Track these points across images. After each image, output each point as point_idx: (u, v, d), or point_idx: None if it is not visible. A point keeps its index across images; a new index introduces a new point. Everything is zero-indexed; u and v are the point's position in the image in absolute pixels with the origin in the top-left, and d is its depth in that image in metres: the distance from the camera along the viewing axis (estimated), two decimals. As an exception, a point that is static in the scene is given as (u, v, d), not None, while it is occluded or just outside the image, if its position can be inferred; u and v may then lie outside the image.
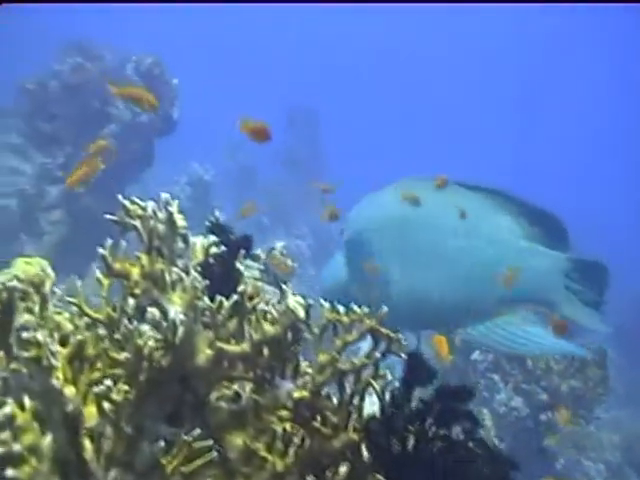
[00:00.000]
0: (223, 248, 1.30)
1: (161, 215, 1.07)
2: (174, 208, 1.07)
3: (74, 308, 1.09)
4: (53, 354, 0.84)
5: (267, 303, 1.22)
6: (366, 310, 1.11)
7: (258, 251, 3.27)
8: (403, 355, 1.18)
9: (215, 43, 29.18)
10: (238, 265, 1.35)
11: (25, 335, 0.82)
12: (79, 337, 0.94)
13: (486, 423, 5.07)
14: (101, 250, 1.06)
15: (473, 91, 31.35)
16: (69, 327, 1.04)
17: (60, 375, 0.86)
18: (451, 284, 3.17)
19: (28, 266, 1.21)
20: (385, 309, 1.15)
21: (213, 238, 1.31)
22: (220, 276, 1.30)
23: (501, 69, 29.34)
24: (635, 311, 9.82)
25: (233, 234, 1.43)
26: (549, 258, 3.21)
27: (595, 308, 3.28)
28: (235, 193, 10.76)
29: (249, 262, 3.17)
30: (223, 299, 1.10)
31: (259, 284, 3.08)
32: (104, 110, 6.07)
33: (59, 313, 1.09)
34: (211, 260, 1.29)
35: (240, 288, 1.22)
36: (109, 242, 1.07)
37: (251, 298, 1.24)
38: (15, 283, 0.93)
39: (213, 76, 25.83)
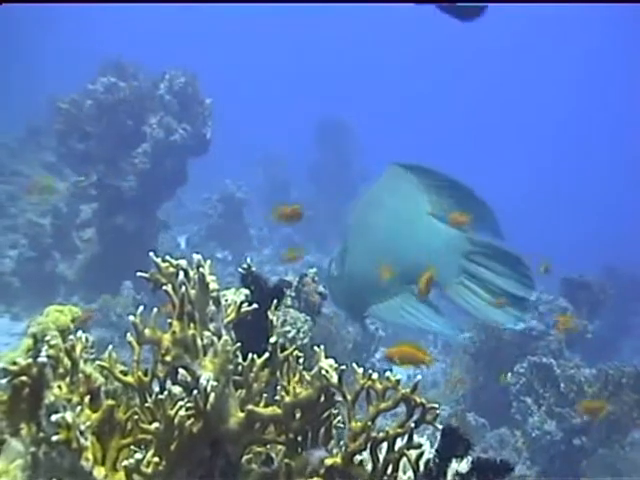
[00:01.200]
0: (254, 304, 1.27)
1: (193, 276, 1.06)
2: (206, 270, 1.06)
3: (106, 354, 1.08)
4: (82, 434, 0.83)
5: (298, 358, 1.20)
6: (399, 377, 1.08)
7: (289, 277, 3.27)
8: (438, 426, 1.15)
9: (249, 62, 29.51)
10: (270, 316, 1.34)
11: (54, 418, 0.81)
12: (109, 402, 0.93)
13: (518, 446, 5.03)
14: (132, 318, 1.04)
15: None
16: (101, 380, 1.04)
17: (89, 456, 0.85)
18: (368, 263, 3.19)
19: (60, 315, 1.21)
20: (419, 378, 1.12)
21: (245, 292, 1.30)
22: (252, 326, 1.29)
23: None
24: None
25: (266, 283, 1.42)
26: (444, 236, 3.15)
27: (502, 297, 3.06)
28: (267, 209, 10.77)
29: (281, 290, 3.16)
30: (255, 357, 1.09)
31: (291, 311, 3.08)
32: (138, 129, 6.12)
33: (92, 361, 1.08)
34: (256, 305, 1.27)
35: (272, 339, 1.21)
36: (140, 309, 1.06)
37: (283, 349, 1.23)
38: (44, 359, 0.92)
39: (246, 92, 25.94)
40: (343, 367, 1.08)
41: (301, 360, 1.20)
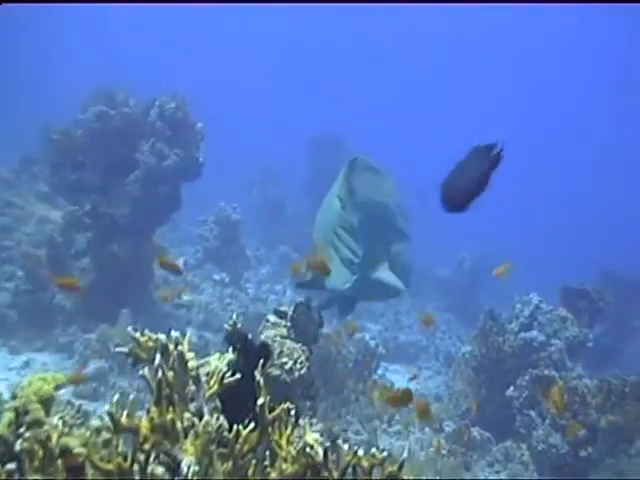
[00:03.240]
0: (240, 367, 1.26)
1: (172, 353, 1.04)
2: (185, 346, 1.05)
3: (92, 422, 1.06)
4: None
5: (286, 421, 1.19)
6: (385, 454, 1.06)
7: (284, 307, 3.26)
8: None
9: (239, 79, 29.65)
10: (257, 376, 1.32)
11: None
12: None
13: (524, 459, 5.00)
14: (107, 407, 1.02)
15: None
16: (84, 453, 1.02)
17: None
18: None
19: (43, 384, 1.19)
20: (404, 456, 1.11)
21: (230, 358, 1.28)
22: (240, 387, 1.27)
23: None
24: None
25: (252, 342, 1.40)
26: (330, 213, 3.93)
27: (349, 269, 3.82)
28: (263, 226, 10.83)
29: (275, 319, 3.16)
30: (240, 428, 1.07)
31: (287, 342, 3.06)
32: (130, 156, 6.11)
33: (74, 431, 1.06)
34: (238, 375, 1.26)
35: (259, 401, 1.20)
36: (116, 397, 1.04)
37: (272, 410, 1.21)
38: (24, 444, 0.91)
39: (240, 110, 25.97)
40: (328, 444, 1.06)
41: (291, 420, 1.19)
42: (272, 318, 3.07)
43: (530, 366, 5.28)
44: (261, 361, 1.33)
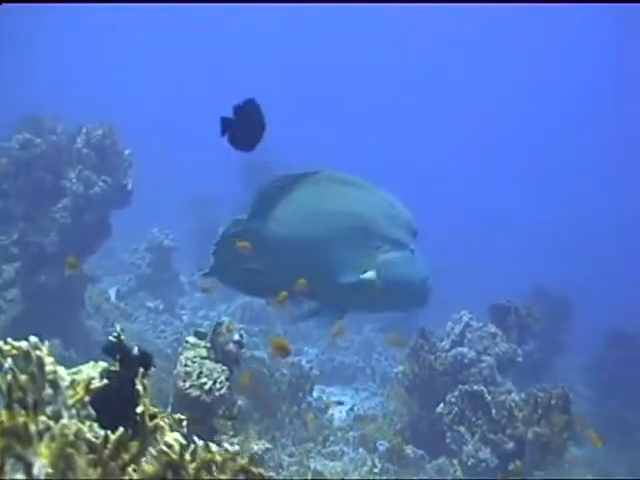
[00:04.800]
0: (119, 374, 1.26)
1: (31, 362, 1.05)
2: (44, 351, 1.06)
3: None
4: None
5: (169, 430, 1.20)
6: (237, 449, 1.09)
7: (203, 329, 3.26)
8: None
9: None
10: (137, 384, 1.33)
11: None
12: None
13: (457, 475, 5.05)
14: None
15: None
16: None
17: None
18: None
19: None
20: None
21: (102, 366, 1.29)
22: (117, 396, 1.28)
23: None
24: (607, 346, 9.87)
25: (132, 352, 1.40)
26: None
27: None
28: (199, 251, 10.77)
29: (195, 340, 3.16)
30: (109, 433, 1.08)
31: (206, 362, 3.07)
32: (57, 184, 6.06)
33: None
34: (107, 381, 1.26)
35: (139, 409, 1.21)
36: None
37: (153, 417, 1.22)
38: None
39: (171, 137, 25.87)
40: (184, 442, 1.07)
41: (168, 427, 1.20)
42: (191, 339, 3.08)
43: (461, 383, 5.35)
44: (141, 370, 1.33)
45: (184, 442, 1.06)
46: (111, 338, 1.44)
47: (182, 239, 9.96)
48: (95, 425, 1.12)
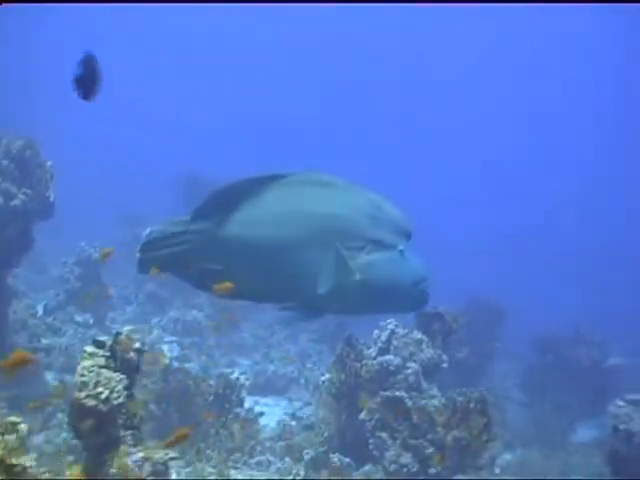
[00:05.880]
0: None
1: None
2: None
3: None
4: None
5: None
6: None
7: (103, 338, 3.24)
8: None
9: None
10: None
11: None
12: None
13: (382, 481, 5.08)
14: None
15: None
16: None
17: None
18: None
19: None
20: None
21: None
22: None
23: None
24: (537, 350, 10.06)
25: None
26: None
27: None
28: (133, 265, 10.67)
29: (93, 349, 3.14)
30: None
31: (104, 371, 3.05)
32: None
33: None
34: None
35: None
36: None
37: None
38: None
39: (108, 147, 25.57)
40: None
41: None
42: (89, 349, 3.05)
43: (388, 390, 5.38)
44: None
45: None
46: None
47: (117, 252, 9.83)
48: None
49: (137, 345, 3.15)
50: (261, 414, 6.23)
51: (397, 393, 5.19)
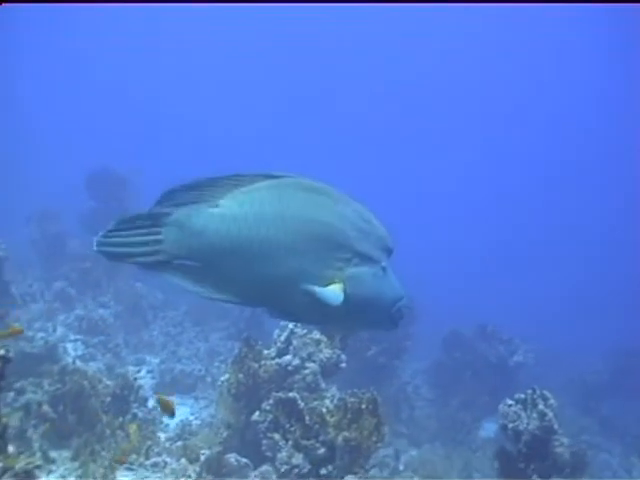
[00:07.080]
0: None
1: None
2: None
3: None
4: None
5: None
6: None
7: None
8: None
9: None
10: None
11: None
12: None
13: (276, 482, 5.11)
14: None
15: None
16: None
17: None
18: None
19: None
20: None
21: None
22: None
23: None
24: (445, 347, 10.24)
25: None
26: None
27: None
28: (42, 263, 10.56)
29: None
30: None
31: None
32: None
33: None
34: None
35: None
36: None
37: None
38: None
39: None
40: None
41: None
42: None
43: (286, 390, 5.41)
44: None
45: None
46: None
47: (26, 249, 9.73)
48: None
49: (2, 352, 3.10)
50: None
51: (290, 394, 5.21)
